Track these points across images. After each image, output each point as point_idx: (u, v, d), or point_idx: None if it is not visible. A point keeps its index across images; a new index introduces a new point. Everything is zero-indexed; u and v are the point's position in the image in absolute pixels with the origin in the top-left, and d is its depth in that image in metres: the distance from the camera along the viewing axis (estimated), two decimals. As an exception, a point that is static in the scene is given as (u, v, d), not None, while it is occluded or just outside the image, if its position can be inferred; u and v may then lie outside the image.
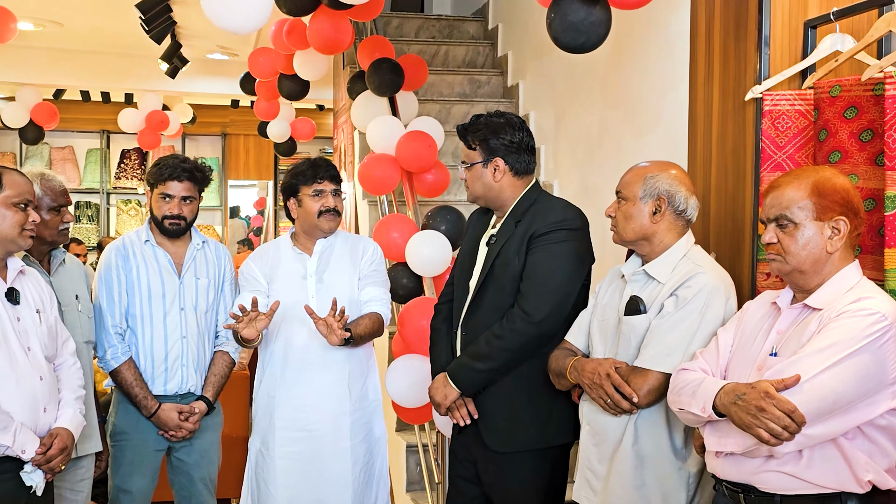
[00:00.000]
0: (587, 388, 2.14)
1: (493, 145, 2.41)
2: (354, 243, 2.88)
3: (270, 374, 2.79)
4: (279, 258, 2.83)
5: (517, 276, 2.34)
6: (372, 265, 2.83)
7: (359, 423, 2.79)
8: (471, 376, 2.39)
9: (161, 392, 2.83)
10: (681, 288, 2.04)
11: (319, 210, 2.75)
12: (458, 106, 5.26)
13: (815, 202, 1.77)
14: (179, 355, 2.84)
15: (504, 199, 2.45)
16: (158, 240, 2.89)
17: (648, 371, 2.03)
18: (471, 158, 2.46)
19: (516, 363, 2.35)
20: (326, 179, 2.76)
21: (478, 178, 2.45)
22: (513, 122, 2.44)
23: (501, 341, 2.32)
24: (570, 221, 2.34)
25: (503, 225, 2.45)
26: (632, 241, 2.16)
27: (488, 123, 2.43)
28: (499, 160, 2.42)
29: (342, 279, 2.78)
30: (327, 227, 2.77)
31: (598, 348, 2.20)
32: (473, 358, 2.38)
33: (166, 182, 2.82)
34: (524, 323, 2.29)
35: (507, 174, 2.43)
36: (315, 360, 2.74)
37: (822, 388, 1.62)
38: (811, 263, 1.77)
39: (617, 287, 2.23)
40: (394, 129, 4.07)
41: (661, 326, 2.03)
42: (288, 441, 2.74)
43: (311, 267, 2.78)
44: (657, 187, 2.11)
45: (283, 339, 2.77)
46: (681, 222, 2.13)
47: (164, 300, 2.84)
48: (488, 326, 2.37)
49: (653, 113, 3.31)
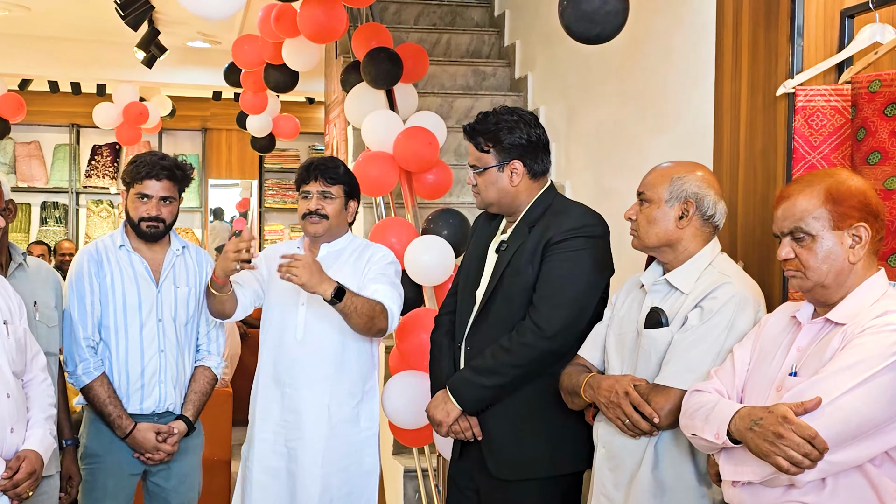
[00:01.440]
0: (603, 408, 2.14)
1: (510, 146, 2.41)
2: (363, 250, 2.89)
3: (262, 385, 2.87)
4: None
5: (529, 287, 2.35)
6: (377, 267, 2.82)
7: (337, 451, 2.78)
8: (474, 392, 2.39)
9: (137, 411, 2.83)
10: (706, 299, 2.05)
11: (303, 214, 2.81)
12: (461, 100, 5.28)
13: (830, 210, 1.77)
14: (157, 371, 2.85)
15: (519, 204, 2.46)
16: (134, 244, 2.90)
17: (670, 389, 2.03)
18: (483, 162, 2.45)
19: (525, 380, 2.35)
20: (312, 180, 2.80)
21: (492, 183, 2.44)
22: (527, 119, 2.44)
23: (510, 356, 2.32)
24: (589, 228, 2.35)
25: (515, 230, 2.45)
26: (654, 247, 2.17)
27: (501, 121, 2.42)
28: (517, 163, 2.42)
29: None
30: (311, 231, 2.81)
31: (614, 364, 2.21)
32: (478, 372, 2.38)
33: (143, 181, 2.83)
34: (535, 337, 2.29)
35: (524, 177, 2.43)
36: (301, 375, 2.78)
37: (845, 410, 1.62)
38: (834, 277, 1.78)
39: (636, 298, 2.24)
40: (391, 125, 4.08)
41: (684, 341, 2.04)
42: (266, 455, 2.81)
43: None
44: (685, 189, 2.12)
45: (271, 346, 2.81)
46: (707, 228, 2.14)
47: (141, 310, 2.84)
48: (496, 341, 2.37)
49: (674, 109, 3.32)
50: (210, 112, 9.65)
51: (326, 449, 2.76)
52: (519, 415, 2.38)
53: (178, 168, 2.88)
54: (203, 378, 2.97)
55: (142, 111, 7.63)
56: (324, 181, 2.82)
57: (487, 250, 2.53)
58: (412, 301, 3.74)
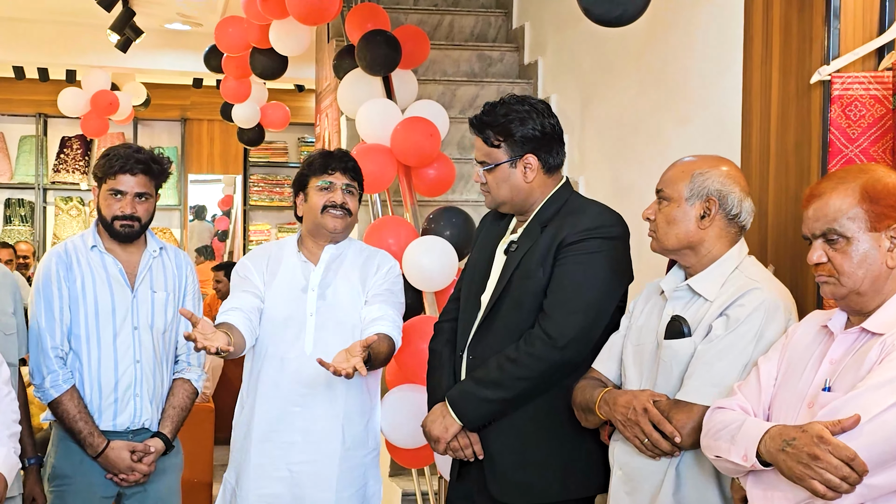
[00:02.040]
0: (620, 426, 2.15)
1: (522, 139, 2.41)
2: (369, 257, 2.87)
3: (253, 401, 2.78)
4: (280, 262, 2.83)
5: (540, 292, 2.35)
6: (385, 283, 2.81)
7: (351, 473, 2.76)
8: (476, 406, 2.39)
9: (109, 427, 2.84)
10: (732, 306, 2.05)
11: (324, 205, 2.76)
12: (465, 87, 5.29)
13: (866, 209, 1.77)
14: (132, 383, 2.85)
15: (532, 202, 2.46)
16: (107, 245, 2.91)
17: (693, 405, 2.03)
18: (493, 158, 2.45)
19: (533, 395, 2.35)
20: (339, 171, 2.79)
21: (503, 180, 2.45)
22: (539, 108, 2.45)
23: (516, 367, 2.33)
24: (606, 229, 2.36)
25: (526, 230, 2.45)
26: (674, 249, 2.18)
27: (511, 112, 2.42)
28: (531, 157, 2.42)
29: (347, 299, 2.77)
30: (331, 226, 2.77)
31: (632, 378, 2.21)
32: (481, 384, 2.38)
33: (117, 176, 2.83)
34: (545, 347, 2.30)
35: (539, 172, 2.44)
36: (307, 390, 2.73)
37: (887, 429, 1.62)
38: (870, 283, 1.78)
39: (655, 305, 2.24)
40: (388, 115, 4.09)
41: (708, 352, 2.05)
42: (265, 480, 2.73)
43: (314, 279, 2.77)
44: (707, 186, 2.12)
45: (271, 359, 2.75)
46: (733, 229, 2.15)
47: (115, 317, 2.85)
48: (501, 351, 2.38)
49: (699, 97, 3.33)
50: (190, 101, 9.67)
51: (341, 472, 2.72)
52: (525, 432, 2.38)
53: (154, 162, 2.89)
54: (182, 392, 2.97)
55: (112, 101, 7.63)
56: (349, 175, 2.81)
57: (495, 252, 2.53)
58: (411, 308, 3.74)
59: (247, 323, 2.70)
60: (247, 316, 2.72)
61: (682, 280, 2.19)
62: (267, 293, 2.79)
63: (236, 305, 2.73)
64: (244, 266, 2.86)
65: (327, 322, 2.72)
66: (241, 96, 6.74)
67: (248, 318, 2.72)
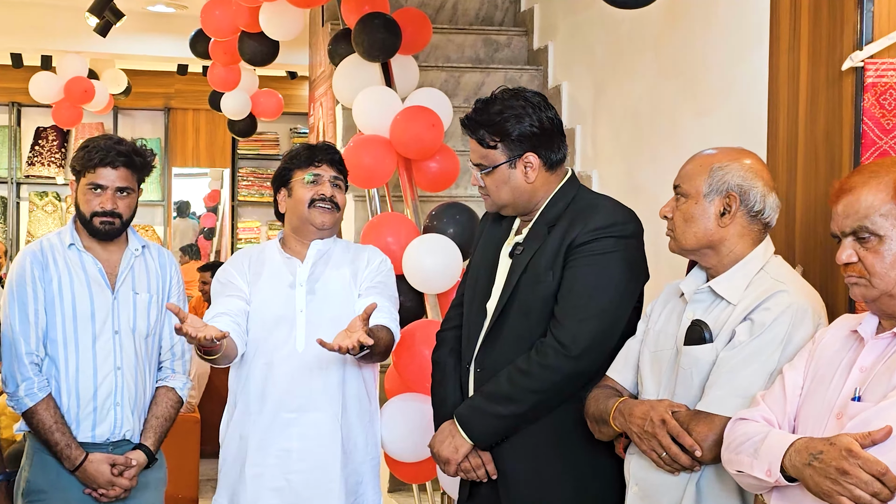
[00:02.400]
0: (636, 438, 2.15)
1: (520, 137, 2.41)
2: (357, 253, 2.90)
3: (244, 409, 2.79)
4: (263, 262, 2.86)
5: (550, 298, 2.35)
6: (378, 275, 2.84)
7: (352, 482, 2.77)
8: (488, 423, 2.39)
9: (88, 439, 2.84)
10: (757, 310, 2.05)
11: (311, 198, 2.79)
12: (469, 74, 5.29)
13: None
14: (112, 391, 2.86)
15: (536, 202, 2.47)
16: (86, 243, 2.91)
17: (715, 416, 2.03)
18: (491, 160, 2.45)
19: (546, 408, 2.36)
20: (326, 163, 2.82)
21: (503, 182, 2.45)
22: (535, 102, 2.44)
23: (528, 379, 2.33)
24: (619, 227, 2.36)
25: (532, 230, 2.46)
26: (693, 249, 2.18)
27: (506, 109, 2.42)
28: (530, 156, 2.42)
29: (338, 293, 2.79)
30: (320, 222, 2.79)
31: (649, 387, 2.22)
32: (491, 399, 2.38)
33: (97, 169, 2.84)
34: (558, 357, 2.30)
35: (540, 171, 2.44)
36: (303, 392, 2.74)
37: None
38: None
39: (674, 308, 2.24)
40: (388, 104, 4.09)
41: (731, 359, 2.04)
42: (262, 492, 2.74)
43: (301, 274, 2.80)
44: (726, 181, 2.12)
45: (262, 362, 2.76)
46: (756, 226, 2.15)
47: (94, 321, 2.85)
48: (511, 362, 2.38)
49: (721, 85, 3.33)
50: (174, 89, 9.69)
51: (345, 482, 2.74)
52: (539, 447, 2.38)
53: (137, 154, 2.90)
54: (166, 401, 2.98)
55: (87, 88, 7.62)
56: (336, 168, 2.84)
57: (499, 255, 2.53)
58: (412, 311, 3.75)
59: (236, 328, 2.71)
60: (235, 320, 2.73)
61: (704, 282, 2.19)
62: (252, 294, 2.81)
63: (222, 311, 2.74)
64: (225, 272, 2.88)
65: (319, 318, 2.74)
66: (230, 84, 6.75)
67: (237, 322, 2.73)
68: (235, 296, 2.80)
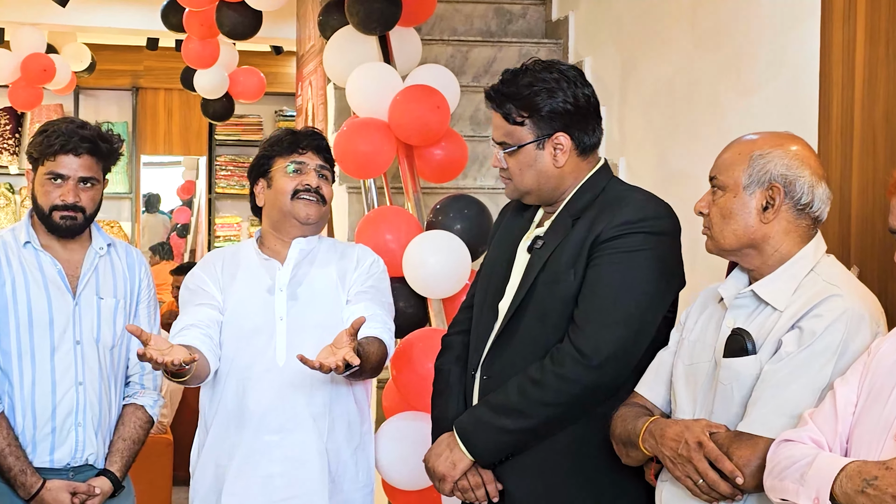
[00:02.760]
0: (669, 464, 2.15)
1: (551, 114, 2.41)
2: (346, 251, 2.91)
3: (219, 433, 2.79)
4: (238, 265, 2.86)
5: (570, 299, 2.36)
6: (369, 279, 2.84)
7: None
8: (492, 438, 2.40)
9: (45, 463, 2.85)
10: (807, 317, 2.05)
11: (295, 189, 2.79)
12: (479, 49, 5.29)
13: None
14: (73, 410, 2.86)
15: (563, 190, 2.47)
16: (44, 241, 2.92)
17: (758, 439, 2.03)
18: (516, 138, 2.45)
19: (560, 424, 2.36)
20: (311, 150, 2.82)
21: (528, 165, 2.45)
22: (570, 76, 2.45)
23: (541, 391, 2.33)
24: (651, 222, 2.36)
25: (554, 224, 2.46)
26: (733, 249, 2.18)
27: (537, 81, 2.42)
28: (562, 136, 2.43)
29: (323, 297, 2.79)
30: (304, 215, 2.80)
31: (684, 405, 2.22)
32: (497, 411, 2.39)
33: (57, 157, 2.85)
34: (577, 366, 2.30)
35: (571, 154, 2.44)
36: (285, 412, 2.74)
37: None
38: None
39: (712, 316, 2.25)
40: (386, 83, 4.10)
41: (777, 373, 2.04)
42: None
43: (281, 277, 2.80)
44: (768, 171, 2.12)
45: (237, 379, 2.76)
46: (804, 221, 2.15)
47: (52, 329, 2.86)
48: (522, 370, 2.38)
49: (766, 61, 3.33)
50: (143, 66, 9.71)
51: None
52: (551, 469, 2.38)
53: (103, 139, 2.91)
54: (134, 420, 2.99)
55: (46, 66, 7.63)
56: (323, 156, 2.85)
57: (516, 250, 2.54)
58: (413, 319, 3.75)
59: (207, 342, 2.70)
60: (206, 333, 2.72)
61: (746, 285, 2.19)
62: (226, 302, 2.80)
63: (191, 322, 2.73)
64: (194, 277, 2.88)
65: (302, 327, 2.74)
66: (206, 60, 6.76)
67: (208, 335, 2.72)
68: (206, 304, 2.80)
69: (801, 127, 2.64)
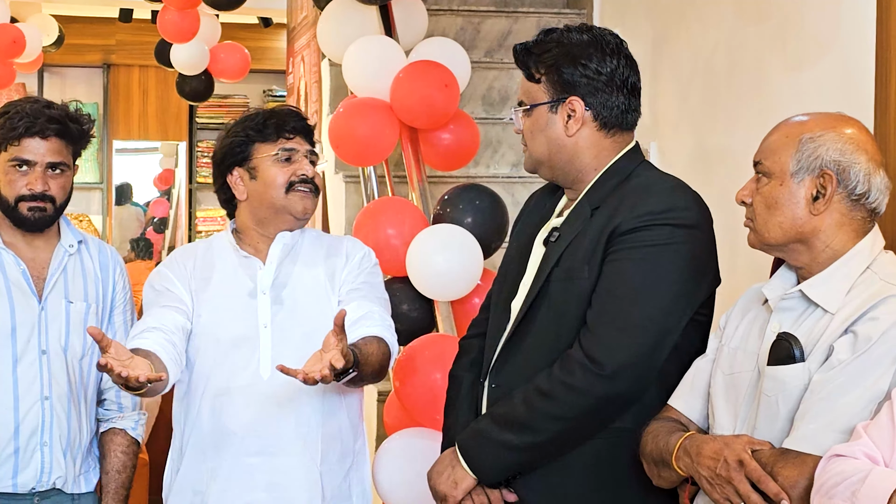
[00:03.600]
0: (706, 485, 2.15)
1: (569, 76, 2.43)
2: (333, 245, 2.90)
3: (196, 456, 2.78)
4: (212, 265, 2.84)
5: (586, 297, 2.37)
6: (361, 274, 2.84)
7: None
8: (495, 454, 2.41)
9: (8, 488, 2.85)
10: (862, 320, 2.05)
11: (290, 181, 2.77)
12: (491, 20, 5.29)
13: None
14: (38, 428, 2.87)
15: (580, 169, 2.47)
16: (7, 238, 2.92)
17: (806, 456, 2.03)
18: (532, 97, 2.48)
19: (573, 440, 2.37)
20: (300, 135, 2.81)
21: (540, 128, 2.47)
22: (606, 40, 2.47)
23: (549, 403, 2.34)
24: (677, 213, 2.36)
25: (572, 214, 2.47)
26: (779, 244, 2.18)
27: (565, 40, 2.45)
28: (575, 101, 2.44)
29: (312, 300, 2.79)
30: (301, 209, 2.79)
31: (723, 419, 2.22)
32: (502, 424, 2.40)
33: (22, 140, 2.84)
34: (587, 375, 2.30)
35: (587, 125, 2.45)
36: (269, 431, 2.74)
37: None
38: None
39: (756, 319, 2.25)
40: (388, 58, 4.10)
41: (828, 383, 2.04)
42: None
43: (264, 279, 2.79)
44: (819, 156, 2.12)
45: (215, 395, 2.76)
46: (859, 214, 2.15)
47: (15, 338, 2.86)
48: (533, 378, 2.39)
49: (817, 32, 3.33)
50: (115, 40, 9.70)
51: None
52: (567, 489, 2.39)
53: (72, 120, 2.90)
54: (117, 450, 3.02)
55: (16, 38, 7.61)
56: (309, 140, 2.85)
57: (534, 242, 2.55)
58: (418, 323, 3.76)
59: (170, 349, 2.66)
60: (169, 339, 2.68)
61: (793, 285, 2.19)
62: (199, 308, 2.79)
63: (154, 325, 2.70)
64: (160, 276, 2.85)
65: (288, 335, 2.73)
66: (185, 34, 6.76)
67: (171, 342, 2.68)
68: (173, 307, 2.77)
69: (856, 107, 2.64)
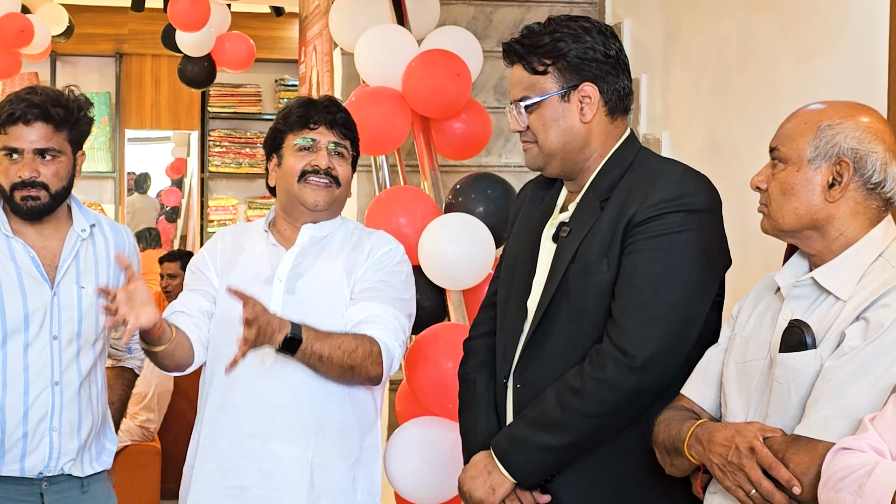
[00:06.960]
0: (718, 472, 2.15)
1: (579, 61, 2.43)
2: (359, 242, 2.90)
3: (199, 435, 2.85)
4: (242, 249, 2.89)
5: (606, 293, 2.37)
6: (379, 272, 2.83)
7: None
8: (533, 457, 2.41)
9: (15, 472, 2.85)
10: (874, 307, 2.05)
11: (302, 170, 2.80)
12: (504, 9, 5.28)
13: None
14: (48, 413, 2.87)
15: (588, 156, 2.47)
16: (15, 226, 2.92)
17: (818, 443, 2.03)
18: (539, 89, 2.46)
19: (607, 435, 2.38)
20: (323, 125, 2.83)
21: (553, 120, 2.46)
22: (601, 25, 2.48)
23: (582, 400, 2.34)
24: (689, 198, 2.36)
25: (580, 207, 2.47)
26: (793, 230, 2.18)
27: (560, 29, 2.45)
28: (588, 87, 2.44)
29: (324, 294, 2.80)
30: (312, 200, 2.81)
31: (735, 407, 2.22)
32: (537, 427, 2.40)
33: (9, 129, 2.83)
34: (619, 369, 2.31)
35: (600, 112, 2.45)
36: (265, 416, 2.76)
37: None
38: None
39: (769, 308, 2.25)
40: (400, 48, 4.10)
41: (840, 370, 2.04)
42: None
43: (283, 266, 2.82)
44: (837, 143, 2.12)
45: (223, 378, 2.75)
46: (874, 202, 2.14)
47: (27, 323, 2.87)
48: (559, 376, 2.39)
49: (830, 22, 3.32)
50: (128, 29, 9.70)
51: None
52: (596, 483, 2.40)
53: (55, 104, 2.86)
54: (124, 384, 3.15)
55: (24, 27, 7.62)
56: (339, 132, 2.85)
57: (540, 238, 2.55)
58: (431, 313, 3.76)
59: (195, 331, 2.76)
60: (195, 322, 2.78)
61: (805, 272, 2.19)
62: (221, 289, 2.82)
63: (180, 309, 2.81)
64: (198, 259, 2.95)
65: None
66: (196, 23, 6.75)
67: (197, 325, 2.79)
68: (200, 291, 2.86)
69: (869, 97, 2.64)
